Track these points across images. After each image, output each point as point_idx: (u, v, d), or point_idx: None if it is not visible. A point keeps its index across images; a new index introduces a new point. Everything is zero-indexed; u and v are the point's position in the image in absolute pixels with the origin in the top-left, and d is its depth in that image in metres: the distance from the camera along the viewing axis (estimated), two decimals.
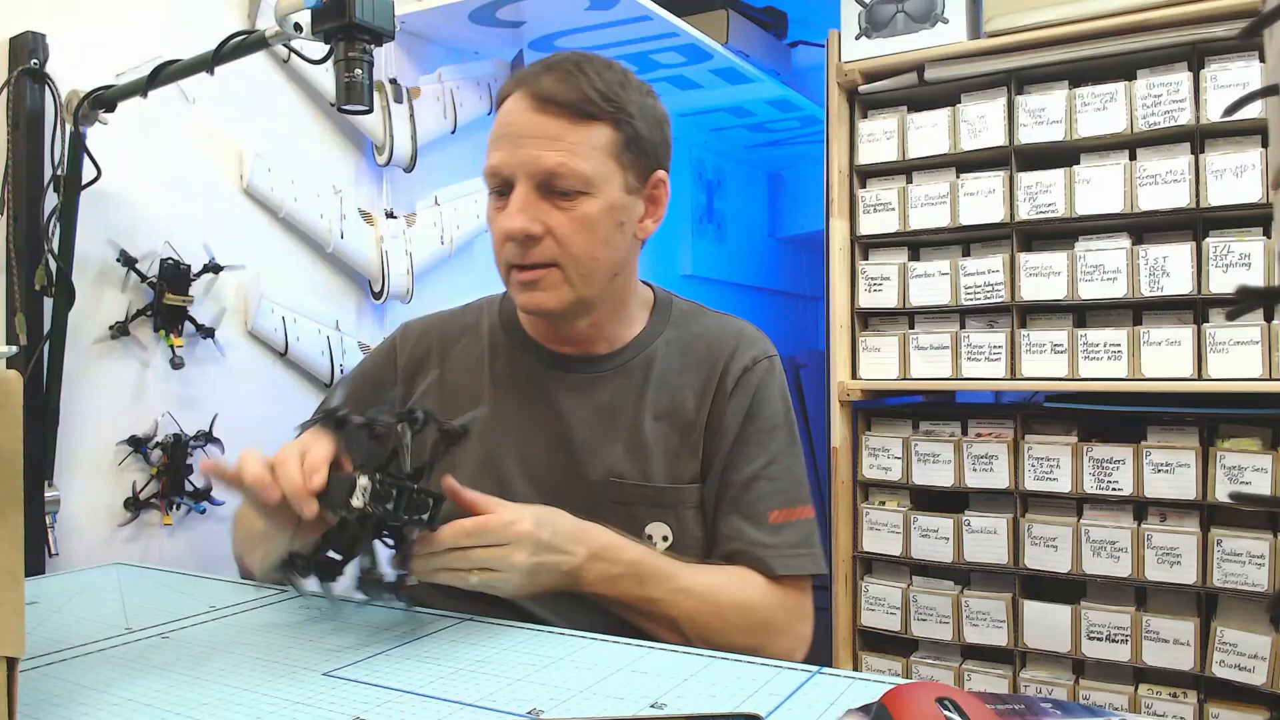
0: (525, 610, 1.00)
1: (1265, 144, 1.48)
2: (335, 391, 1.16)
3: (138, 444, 1.40)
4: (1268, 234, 1.48)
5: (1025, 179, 1.65)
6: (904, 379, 1.76)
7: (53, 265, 1.27)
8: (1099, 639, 1.57)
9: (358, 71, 1.03)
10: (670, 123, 1.11)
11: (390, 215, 1.82)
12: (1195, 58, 1.54)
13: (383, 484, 0.83)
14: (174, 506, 1.44)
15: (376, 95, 1.74)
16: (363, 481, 0.83)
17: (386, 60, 1.81)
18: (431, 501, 0.86)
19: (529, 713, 0.68)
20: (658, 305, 1.16)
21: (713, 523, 1.08)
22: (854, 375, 1.81)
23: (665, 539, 1.07)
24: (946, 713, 0.57)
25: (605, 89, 1.01)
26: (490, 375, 1.12)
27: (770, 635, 1.01)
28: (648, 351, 1.11)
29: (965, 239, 1.74)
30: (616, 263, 1.06)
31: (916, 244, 1.79)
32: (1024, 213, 1.65)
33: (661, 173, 1.08)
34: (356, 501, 0.83)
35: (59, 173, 1.29)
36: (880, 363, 1.78)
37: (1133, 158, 1.58)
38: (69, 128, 1.28)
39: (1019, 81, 1.68)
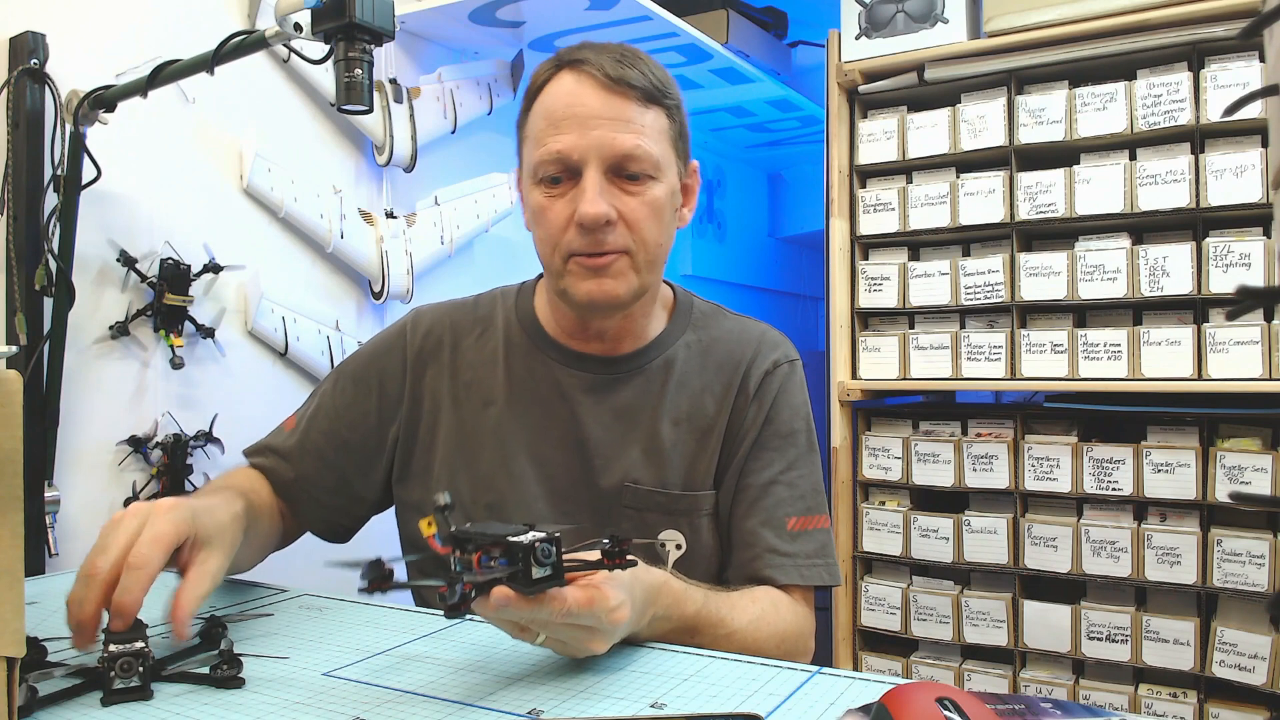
0: None
1: (1265, 144, 1.48)
2: (337, 378, 1.14)
3: (138, 444, 1.40)
4: (1268, 234, 1.48)
5: (1025, 179, 1.65)
6: (904, 379, 1.76)
7: (53, 265, 1.27)
8: (1099, 639, 1.57)
9: (358, 71, 1.03)
10: None
11: (390, 215, 1.82)
12: (1195, 58, 1.54)
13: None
14: None
15: (376, 95, 1.74)
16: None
17: (386, 60, 1.81)
18: (554, 564, 0.71)
19: (529, 713, 0.68)
20: (678, 305, 1.14)
21: (728, 527, 1.07)
22: (854, 375, 1.81)
23: (679, 547, 1.05)
24: (946, 713, 0.57)
25: (661, 76, 1.01)
26: (506, 372, 1.10)
27: (793, 657, 0.99)
28: (668, 354, 1.09)
29: (965, 239, 1.74)
30: (668, 251, 1.05)
31: (916, 244, 1.79)
32: (1024, 213, 1.65)
33: (696, 162, 1.08)
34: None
35: (59, 173, 1.29)
36: (880, 363, 1.78)
37: (1133, 158, 1.58)
38: (69, 128, 1.28)
39: (1019, 81, 1.68)
